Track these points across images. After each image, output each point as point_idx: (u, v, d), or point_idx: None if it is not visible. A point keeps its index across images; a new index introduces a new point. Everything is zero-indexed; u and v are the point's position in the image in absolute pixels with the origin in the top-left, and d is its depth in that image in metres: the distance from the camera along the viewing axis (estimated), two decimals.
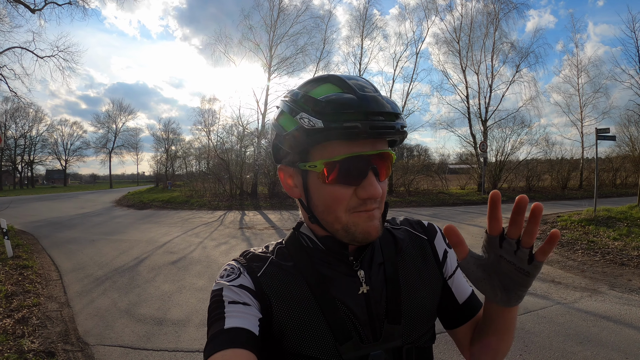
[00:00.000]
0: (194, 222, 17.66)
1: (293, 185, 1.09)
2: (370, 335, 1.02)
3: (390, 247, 1.15)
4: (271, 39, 30.83)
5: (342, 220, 0.99)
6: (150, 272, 8.77)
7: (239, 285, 1.00)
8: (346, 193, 0.97)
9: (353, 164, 0.95)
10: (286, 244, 1.14)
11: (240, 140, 33.00)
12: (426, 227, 1.26)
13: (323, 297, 1.01)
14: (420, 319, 1.10)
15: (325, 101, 0.94)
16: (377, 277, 1.08)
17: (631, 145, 34.00)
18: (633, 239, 11.75)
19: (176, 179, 54.37)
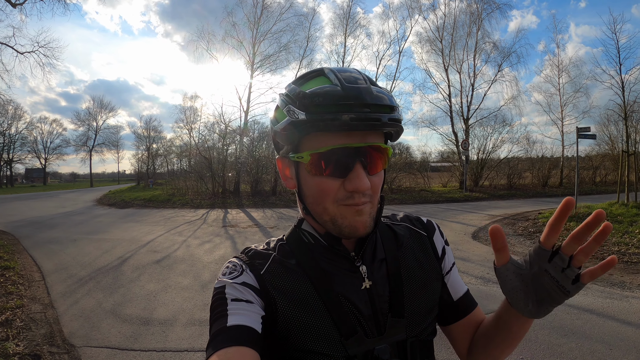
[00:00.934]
0: (176, 221, 17.58)
1: (289, 176, 1.10)
2: (375, 330, 1.03)
3: (391, 242, 1.17)
4: (254, 36, 30.83)
5: (329, 212, 1.00)
6: (134, 272, 8.72)
7: (241, 283, 1.00)
8: (333, 185, 0.98)
9: (340, 156, 0.96)
10: (287, 240, 1.14)
11: (223, 138, 32.90)
12: (425, 224, 1.27)
13: (327, 293, 1.02)
14: (423, 313, 1.11)
15: (310, 93, 0.96)
16: (380, 273, 1.09)
17: (611, 144, 34.59)
18: (613, 234, 11.92)
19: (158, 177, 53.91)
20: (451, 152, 36.48)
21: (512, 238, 12.46)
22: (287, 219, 17.59)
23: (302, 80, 1.07)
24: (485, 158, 34.41)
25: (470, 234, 12.97)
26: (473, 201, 25.57)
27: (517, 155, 35.23)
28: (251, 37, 30.82)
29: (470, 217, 17.22)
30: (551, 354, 4.84)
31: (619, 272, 8.38)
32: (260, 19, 30.78)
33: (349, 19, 33.49)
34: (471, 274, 8.23)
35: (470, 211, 19.41)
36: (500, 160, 34.82)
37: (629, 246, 10.60)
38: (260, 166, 29.26)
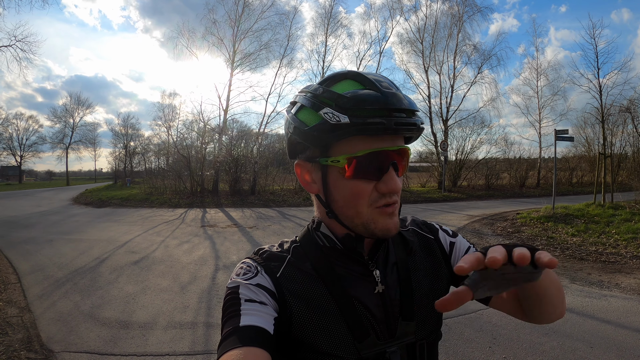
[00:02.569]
0: (154, 221, 17.41)
1: (311, 180, 1.10)
2: (386, 333, 1.05)
3: (401, 247, 1.18)
4: (235, 34, 30.54)
5: (362, 216, 1.01)
6: (112, 273, 8.59)
7: (256, 285, 1.01)
8: (367, 188, 0.99)
9: (375, 159, 0.98)
10: (301, 243, 1.14)
11: (201, 137, 32.68)
12: (429, 225, 1.30)
13: (341, 296, 1.03)
14: (431, 317, 1.13)
15: (350, 96, 0.96)
16: (392, 277, 1.11)
17: (587, 146, 35.40)
18: (590, 235, 12.21)
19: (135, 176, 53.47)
20: (430, 152, 36.75)
21: (491, 238, 12.59)
22: (266, 219, 17.54)
23: (330, 82, 1.06)
24: (464, 159, 34.84)
25: None
26: (452, 201, 25.82)
27: (495, 156, 35.73)
28: (232, 35, 30.56)
29: (449, 217, 17.35)
30: (533, 352, 4.92)
31: (597, 272, 8.56)
32: (242, 17, 30.49)
33: (331, 18, 33.46)
34: None
35: (449, 211, 19.57)
36: (479, 161, 35.24)
37: (605, 246, 10.86)
38: (239, 165, 29.05)
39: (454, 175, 33.63)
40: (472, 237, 12.58)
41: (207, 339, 5.37)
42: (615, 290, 7.37)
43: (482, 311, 6.18)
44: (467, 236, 12.83)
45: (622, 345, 5.07)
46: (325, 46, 33.65)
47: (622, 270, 8.76)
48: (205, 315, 6.20)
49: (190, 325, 5.80)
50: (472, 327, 5.70)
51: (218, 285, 7.70)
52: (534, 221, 14.48)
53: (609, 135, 27.81)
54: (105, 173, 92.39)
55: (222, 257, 10.06)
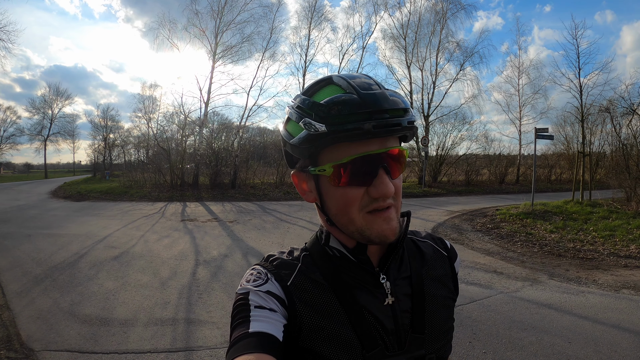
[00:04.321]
0: (134, 215, 17.28)
1: (308, 190, 1.09)
2: (396, 345, 1.04)
3: (416, 259, 1.18)
4: (217, 26, 30.52)
5: (356, 223, 1.00)
6: (91, 269, 8.50)
7: (266, 292, 1.01)
8: (357, 193, 0.98)
9: (362, 164, 0.96)
10: (311, 252, 1.14)
11: (182, 129, 32.50)
12: (449, 248, 1.29)
13: (351, 307, 1.02)
14: (442, 331, 1.13)
15: (326, 104, 0.95)
16: (403, 290, 1.10)
17: (566, 144, 35.85)
18: (568, 231, 12.40)
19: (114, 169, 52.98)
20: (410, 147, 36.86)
21: (471, 234, 12.69)
22: (247, 213, 17.52)
23: (311, 91, 1.05)
24: (444, 154, 35.18)
25: (430, 229, 13.13)
26: (432, 197, 26.03)
27: (475, 152, 36.23)
28: (214, 27, 30.50)
29: (429, 212, 17.46)
30: (512, 347, 4.99)
31: (575, 268, 8.72)
32: (224, 9, 30.47)
33: (315, 11, 33.55)
34: None
35: (429, 207, 19.69)
36: (459, 157, 35.65)
37: (583, 243, 11.05)
38: (219, 158, 28.94)
39: (435, 170, 33.95)
40: (452, 233, 12.69)
41: (188, 336, 5.34)
42: (593, 286, 7.50)
43: (462, 306, 6.25)
44: (447, 232, 12.95)
45: (599, 340, 5.17)
46: (309, 40, 33.81)
47: (600, 266, 8.92)
48: (185, 311, 6.17)
49: (171, 322, 5.77)
50: None
51: (198, 280, 7.67)
52: (513, 217, 14.62)
53: (588, 134, 28.30)
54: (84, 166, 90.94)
55: (203, 252, 10.01)
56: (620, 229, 12.34)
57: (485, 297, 6.77)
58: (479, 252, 10.34)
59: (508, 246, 11.02)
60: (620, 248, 10.45)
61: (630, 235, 11.69)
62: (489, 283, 7.60)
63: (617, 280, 7.89)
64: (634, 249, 10.32)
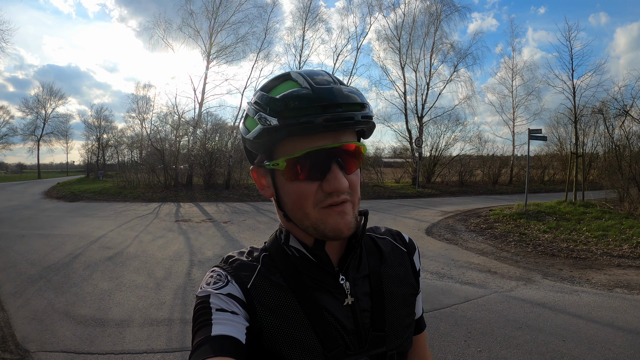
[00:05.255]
0: (128, 215, 17.22)
1: (266, 185, 1.09)
2: (357, 344, 1.05)
3: (375, 257, 1.18)
4: (212, 26, 30.42)
5: (310, 217, 0.99)
6: (86, 269, 8.48)
7: (227, 294, 1.00)
8: (311, 188, 0.98)
9: (314, 158, 0.96)
10: (270, 252, 1.13)
11: (176, 130, 32.49)
12: (407, 242, 1.30)
13: (311, 308, 1.02)
14: (402, 327, 1.14)
15: (280, 99, 0.94)
16: (362, 289, 1.10)
17: (559, 145, 36.29)
18: (562, 231, 12.47)
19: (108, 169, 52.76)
20: (404, 148, 37.09)
21: (465, 234, 12.72)
22: (241, 213, 17.51)
23: (269, 86, 1.05)
24: (438, 155, 35.35)
25: (424, 229, 13.21)
26: (426, 197, 26.06)
27: (468, 153, 36.38)
28: (209, 27, 30.41)
29: (423, 212, 17.50)
30: (507, 346, 5.02)
31: (569, 268, 8.79)
32: (219, 9, 30.38)
33: (309, 12, 33.45)
34: (426, 269, 8.39)
35: (423, 207, 19.73)
36: (453, 157, 35.82)
37: (577, 243, 11.10)
38: (213, 159, 28.90)
39: (428, 171, 34.11)
40: (446, 233, 12.70)
41: (184, 336, 5.34)
42: (586, 285, 7.56)
43: (457, 305, 6.28)
44: (441, 232, 12.98)
45: (593, 339, 5.21)
46: (303, 40, 33.72)
47: (593, 266, 8.98)
48: (181, 311, 6.17)
49: (166, 322, 5.77)
50: (447, 321, 5.77)
51: (193, 281, 7.66)
52: (507, 218, 14.67)
53: (581, 135, 28.48)
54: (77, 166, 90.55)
55: (197, 253, 10.01)
56: (613, 229, 12.43)
57: (480, 297, 6.80)
58: (473, 252, 10.38)
59: (502, 246, 11.07)
60: (613, 248, 10.52)
61: (623, 235, 11.76)
62: (483, 282, 7.63)
63: (610, 279, 7.94)
64: (627, 248, 10.39)
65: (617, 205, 17.00)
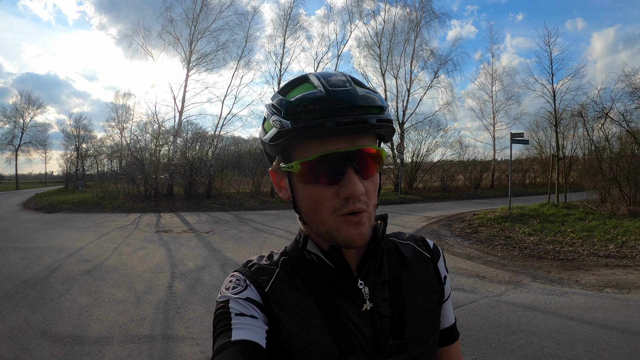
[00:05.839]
0: (107, 226, 16.91)
1: (284, 187, 1.08)
2: (375, 350, 1.02)
3: (396, 263, 1.15)
4: (192, 34, 30.27)
5: (326, 224, 0.98)
6: (64, 284, 8.21)
7: (245, 298, 0.99)
8: (327, 193, 0.95)
9: (329, 162, 0.94)
10: (290, 256, 1.11)
11: (156, 139, 32.21)
12: (431, 248, 1.26)
13: (329, 312, 1.01)
14: (424, 336, 1.10)
15: (294, 101, 0.94)
16: (382, 295, 1.07)
17: (539, 148, 37.00)
18: (547, 234, 12.59)
19: (87, 179, 52.09)
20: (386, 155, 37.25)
21: (450, 239, 12.71)
22: (223, 223, 17.35)
23: (287, 89, 1.03)
24: (420, 161, 35.63)
25: None
26: (408, 203, 26.13)
27: (450, 158, 36.93)
28: (189, 34, 30.26)
29: (407, 219, 17.48)
30: (502, 352, 4.96)
31: (557, 270, 8.84)
32: (199, 16, 30.24)
33: (290, 20, 33.35)
34: None
35: (406, 213, 19.71)
36: (434, 163, 36.32)
37: (562, 244, 11.23)
38: (194, 168, 28.72)
39: (410, 177, 34.27)
40: (431, 239, 12.58)
41: (167, 353, 5.14)
42: (576, 287, 7.59)
43: None
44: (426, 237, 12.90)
45: (588, 339, 5.21)
46: (284, 48, 33.50)
47: (581, 267, 9.03)
48: (162, 327, 5.96)
49: (147, 339, 5.55)
50: None
51: (175, 294, 7.45)
52: (491, 221, 14.76)
53: (561, 139, 28.95)
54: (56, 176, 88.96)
55: (179, 265, 9.77)
56: (597, 230, 12.60)
57: (470, 302, 6.72)
58: (460, 257, 10.33)
59: (488, 250, 11.07)
60: (599, 248, 10.63)
61: (608, 235, 11.93)
62: (472, 288, 7.56)
63: (599, 279, 7.98)
64: (613, 248, 10.52)
65: (599, 206, 17.24)
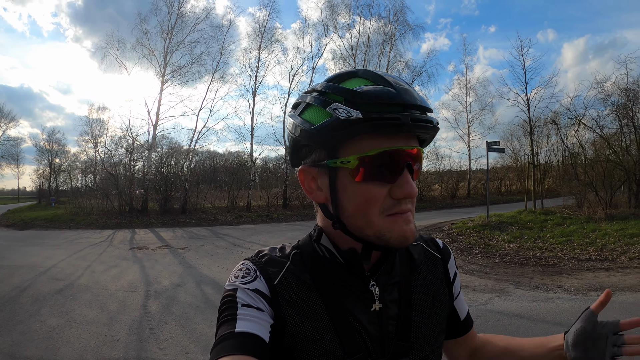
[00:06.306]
0: (80, 243, 16.58)
1: (316, 187, 1.01)
2: (379, 352, 1.00)
3: (406, 264, 1.13)
4: (167, 46, 30.08)
5: (374, 226, 0.93)
6: (34, 304, 7.90)
7: (254, 290, 0.97)
8: (380, 192, 0.92)
9: (389, 159, 0.91)
10: (301, 250, 1.08)
11: (130, 153, 31.88)
12: (441, 248, 1.25)
13: (336, 310, 0.99)
14: (429, 339, 1.09)
15: (362, 91, 0.90)
16: (391, 296, 1.05)
17: (514, 156, 37.63)
18: (526, 240, 12.73)
19: (60, 195, 51.26)
20: None
21: None
22: (198, 239, 17.16)
23: (337, 80, 0.99)
24: None
25: None
26: None
27: (426, 169, 37.19)
28: (163, 47, 30.08)
29: None
30: None
31: (540, 275, 8.90)
32: (174, 28, 30.11)
33: (265, 33, 33.35)
34: None
35: None
36: None
37: (542, 250, 11.40)
38: (169, 183, 28.53)
39: None
40: None
41: None
42: (560, 291, 7.61)
43: None
44: None
45: None
46: (259, 61, 33.46)
47: (563, 272, 9.10)
48: (137, 349, 5.72)
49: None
50: None
51: (150, 314, 7.19)
52: (470, 230, 14.82)
53: (535, 146, 29.51)
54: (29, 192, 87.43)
55: (153, 283, 9.51)
56: (576, 234, 12.77)
57: None
58: None
59: (469, 259, 11.08)
60: (580, 252, 10.75)
61: (587, 239, 12.12)
62: None
63: (582, 283, 8.03)
64: (593, 251, 10.66)
65: (576, 210, 17.48)
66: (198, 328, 6.41)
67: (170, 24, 30.03)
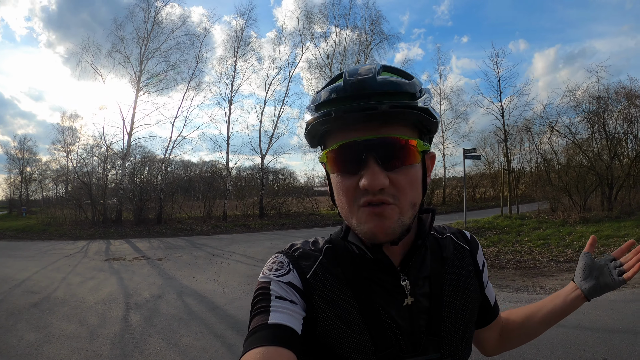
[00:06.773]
0: (54, 255, 16.20)
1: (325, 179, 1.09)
2: (410, 346, 1.02)
3: (436, 257, 1.15)
4: (142, 53, 29.88)
5: (354, 215, 0.97)
6: (8, 319, 7.65)
7: (287, 283, 1.01)
8: (350, 184, 0.95)
9: (349, 151, 0.94)
10: (334, 245, 1.12)
11: (103, 162, 31.49)
12: (469, 240, 1.27)
13: (367, 305, 1.01)
14: (460, 333, 1.10)
15: (316, 93, 0.99)
16: (422, 290, 1.07)
17: (488, 163, 38.31)
18: (504, 244, 13.03)
19: (32, 205, 50.35)
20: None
21: None
22: (176, 249, 16.96)
23: (328, 82, 1.03)
24: None
25: None
26: None
27: None
28: (139, 54, 29.86)
29: None
30: None
31: (521, 278, 9.10)
32: (150, 35, 29.94)
33: (241, 41, 33.32)
34: None
35: None
36: None
37: (522, 253, 11.66)
38: (143, 192, 28.22)
39: None
40: None
41: None
42: (542, 292, 7.76)
43: None
44: None
45: (565, 342, 5.39)
46: (235, 69, 33.39)
47: (543, 273, 9.34)
48: None
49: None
50: None
51: (132, 327, 7.00)
52: None
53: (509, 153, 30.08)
54: None
55: (133, 294, 9.30)
56: (553, 237, 13.06)
57: None
58: None
59: None
60: (558, 254, 11.01)
61: (564, 241, 12.43)
62: None
63: (563, 284, 8.00)
64: (571, 253, 10.96)
65: (551, 214, 17.85)
66: (183, 340, 6.25)
67: (146, 30, 29.96)
